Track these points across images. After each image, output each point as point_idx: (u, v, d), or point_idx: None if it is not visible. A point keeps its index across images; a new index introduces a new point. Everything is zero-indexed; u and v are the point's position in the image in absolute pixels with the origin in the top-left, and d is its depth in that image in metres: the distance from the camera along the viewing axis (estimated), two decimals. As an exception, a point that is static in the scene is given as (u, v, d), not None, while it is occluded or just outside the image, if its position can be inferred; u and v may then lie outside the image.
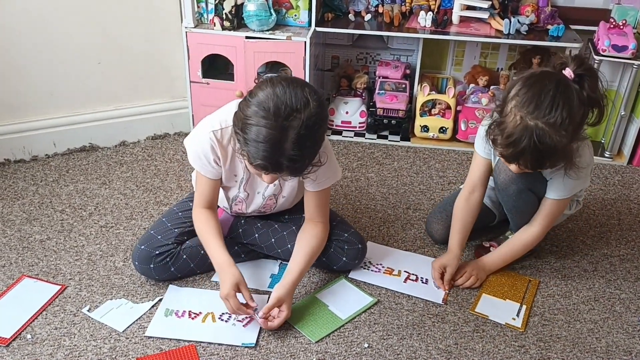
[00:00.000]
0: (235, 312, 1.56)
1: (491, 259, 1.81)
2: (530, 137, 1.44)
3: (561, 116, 1.43)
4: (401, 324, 1.64)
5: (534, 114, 1.44)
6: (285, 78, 1.42)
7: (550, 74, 1.50)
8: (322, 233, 1.70)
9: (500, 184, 1.75)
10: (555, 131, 1.43)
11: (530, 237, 1.76)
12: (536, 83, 1.48)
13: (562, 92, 1.45)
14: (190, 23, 2.36)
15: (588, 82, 1.48)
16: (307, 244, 1.67)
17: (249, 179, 1.67)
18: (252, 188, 1.70)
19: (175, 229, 1.74)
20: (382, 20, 2.53)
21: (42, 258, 1.83)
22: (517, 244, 1.79)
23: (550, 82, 1.46)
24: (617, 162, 2.51)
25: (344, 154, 2.50)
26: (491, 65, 2.75)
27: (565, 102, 1.44)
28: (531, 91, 1.47)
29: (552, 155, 1.48)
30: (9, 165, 2.32)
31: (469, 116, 2.55)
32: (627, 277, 1.85)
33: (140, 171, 2.32)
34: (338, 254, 1.75)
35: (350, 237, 1.77)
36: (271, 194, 1.72)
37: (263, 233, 1.79)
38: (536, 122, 1.44)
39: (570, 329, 1.65)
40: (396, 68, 2.67)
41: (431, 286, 1.78)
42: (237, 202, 1.74)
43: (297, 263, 1.64)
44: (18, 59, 2.22)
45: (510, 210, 1.83)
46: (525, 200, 1.74)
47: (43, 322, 1.60)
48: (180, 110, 2.56)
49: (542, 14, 2.50)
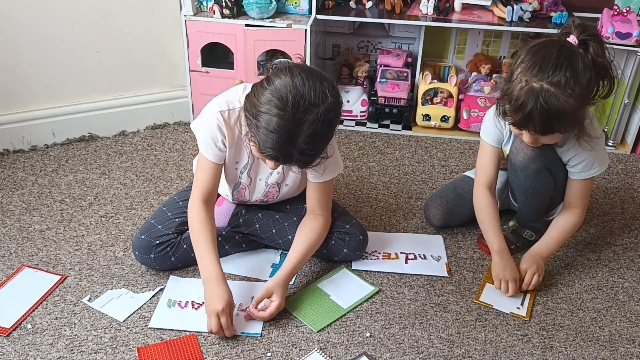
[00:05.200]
0: (217, 330, 1.48)
1: (546, 245, 1.75)
2: (537, 99, 1.46)
3: (565, 76, 1.45)
4: (403, 313, 1.63)
5: (538, 76, 1.46)
6: (304, 69, 1.39)
7: (554, 41, 1.54)
8: (322, 227, 1.68)
9: (519, 164, 1.73)
10: (561, 91, 1.44)
11: (576, 217, 1.75)
12: (540, 49, 1.51)
13: (565, 54, 1.48)
14: (189, 11, 2.33)
15: (593, 47, 1.49)
16: (305, 237, 1.66)
17: (253, 165, 1.66)
18: (256, 174, 1.69)
19: (176, 219, 1.72)
20: (383, 7, 2.51)
21: (41, 248, 1.82)
22: (567, 227, 1.75)
23: (554, 47, 1.50)
24: (621, 150, 2.49)
25: (345, 143, 2.48)
26: (494, 53, 2.73)
27: (568, 63, 1.46)
28: (535, 56, 1.50)
29: (560, 117, 1.48)
30: (8, 155, 2.31)
31: (471, 105, 2.53)
32: (630, 266, 1.84)
33: (140, 161, 2.31)
34: (339, 245, 1.74)
35: (351, 228, 1.75)
36: (274, 182, 1.71)
37: (264, 223, 1.78)
38: (541, 84, 1.46)
39: (573, 317, 1.64)
40: (398, 56, 2.65)
41: (431, 260, 1.79)
42: (239, 188, 1.72)
43: (292, 257, 1.64)
44: (17, 48, 2.20)
45: (526, 193, 1.79)
46: (543, 180, 1.72)
47: (43, 312, 1.60)
48: (179, 100, 2.55)
49: (545, 1, 2.47)
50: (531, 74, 1.47)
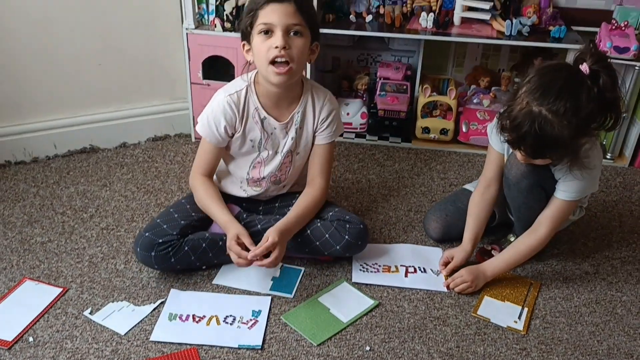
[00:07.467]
0: (238, 261, 1.63)
1: (493, 265, 1.77)
2: (533, 123, 1.47)
3: (565, 106, 1.45)
4: (403, 326, 1.64)
5: (539, 100, 1.47)
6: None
7: (565, 66, 1.55)
8: (319, 196, 1.80)
9: (512, 178, 1.74)
10: (558, 120, 1.45)
11: (536, 240, 1.74)
12: (549, 73, 1.52)
13: (571, 83, 1.48)
14: (191, 24, 2.35)
15: (603, 80, 1.49)
16: (304, 200, 1.78)
17: (267, 139, 1.77)
18: (272, 147, 1.79)
19: (182, 221, 1.75)
20: (383, 21, 2.53)
21: (43, 260, 1.83)
22: (522, 248, 1.76)
23: (562, 74, 1.51)
24: (619, 164, 2.51)
25: (345, 155, 2.49)
26: (493, 66, 2.75)
27: (572, 93, 1.46)
28: (542, 80, 1.50)
29: (552, 145, 1.49)
30: (10, 167, 2.32)
31: (470, 118, 2.54)
32: (628, 280, 1.85)
33: (141, 173, 2.32)
34: (340, 232, 1.77)
35: (351, 218, 1.81)
36: (288, 150, 1.79)
37: (265, 222, 1.80)
38: (540, 109, 1.47)
39: (571, 331, 1.65)
40: (397, 69, 2.67)
41: (430, 274, 1.81)
42: (255, 163, 1.80)
43: (293, 210, 1.75)
44: (19, 60, 2.22)
45: (519, 208, 1.81)
46: (535, 196, 1.73)
47: (45, 324, 1.60)
48: (180, 112, 2.56)
49: (544, 15, 2.50)
50: (533, 97, 1.48)
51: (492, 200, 1.84)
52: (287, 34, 1.61)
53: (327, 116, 1.79)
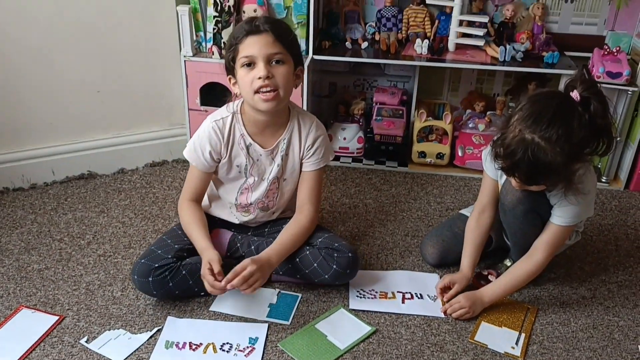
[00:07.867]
0: (210, 290, 1.62)
1: (491, 290, 1.77)
2: (526, 150, 1.48)
3: (557, 134, 1.46)
4: (400, 353, 1.63)
5: (532, 127, 1.49)
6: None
7: (556, 94, 1.57)
8: (308, 223, 1.79)
9: (507, 204, 1.75)
10: (550, 147, 1.46)
11: (533, 266, 1.74)
12: (540, 100, 1.54)
13: (562, 110, 1.49)
14: (188, 52, 2.38)
15: (594, 106, 1.51)
16: (291, 228, 1.78)
17: (253, 165, 1.79)
18: (258, 173, 1.81)
19: (175, 245, 1.76)
20: (378, 47, 2.56)
21: (40, 288, 1.83)
22: (519, 274, 1.76)
23: (554, 101, 1.52)
24: (614, 187, 2.52)
25: (342, 180, 2.51)
26: (487, 91, 2.78)
27: (564, 120, 1.48)
28: (533, 107, 1.52)
29: (546, 172, 1.51)
30: (8, 194, 2.32)
31: (465, 142, 2.56)
32: (625, 304, 1.85)
33: (139, 199, 2.33)
34: (328, 261, 1.76)
35: (340, 246, 1.79)
36: (275, 177, 1.80)
37: (259, 244, 1.82)
38: (533, 136, 1.48)
39: (569, 357, 1.64)
40: (393, 94, 2.69)
41: (427, 300, 1.81)
42: (243, 189, 1.81)
43: (279, 238, 1.75)
44: (17, 87, 2.24)
45: (515, 234, 1.82)
46: (531, 222, 1.74)
47: (41, 353, 1.59)
48: (178, 138, 2.58)
49: (537, 41, 2.53)
50: (526, 124, 1.50)
51: (488, 225, 1.85)
52: (269, 64, 1.63)
53: (312, 143, 1.80)
